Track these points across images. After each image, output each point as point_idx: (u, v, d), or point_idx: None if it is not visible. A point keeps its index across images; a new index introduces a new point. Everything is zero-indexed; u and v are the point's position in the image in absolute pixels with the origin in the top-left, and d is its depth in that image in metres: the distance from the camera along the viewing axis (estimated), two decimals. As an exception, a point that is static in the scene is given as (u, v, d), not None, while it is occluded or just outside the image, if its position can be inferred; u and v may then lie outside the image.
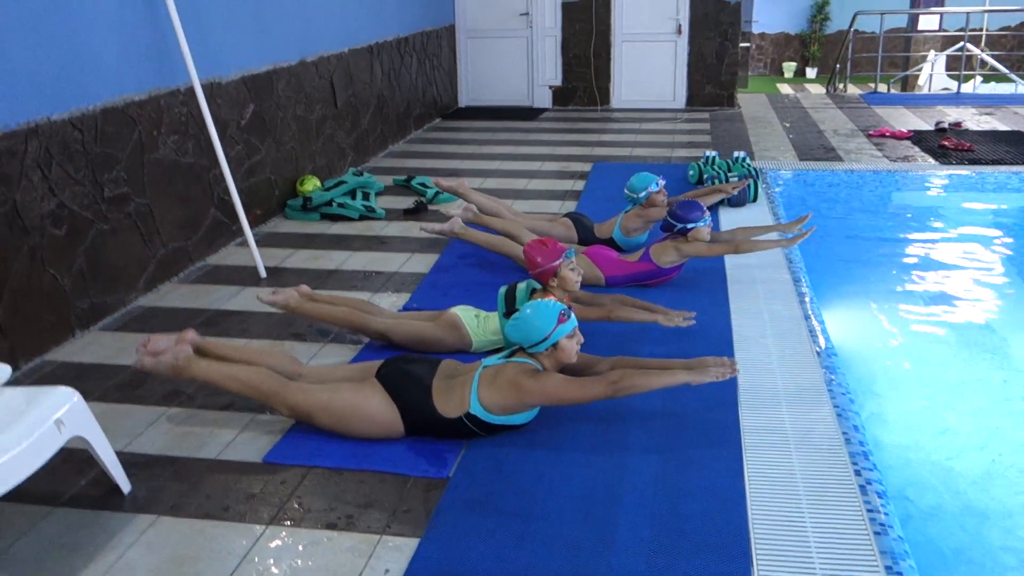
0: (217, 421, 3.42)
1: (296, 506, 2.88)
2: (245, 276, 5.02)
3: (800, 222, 4.80)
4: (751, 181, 6.21)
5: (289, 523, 2.79)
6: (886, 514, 2.73)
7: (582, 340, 3.20)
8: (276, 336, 4.20)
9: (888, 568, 2.48)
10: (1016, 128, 8.93)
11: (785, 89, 17.55)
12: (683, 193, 5.81)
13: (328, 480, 3.01)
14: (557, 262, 3.80)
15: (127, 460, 3.08)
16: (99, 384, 3.73)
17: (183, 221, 5.06)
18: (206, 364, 3.26)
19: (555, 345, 3.12)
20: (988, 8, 14.56)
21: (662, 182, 5.02)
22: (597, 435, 3.24)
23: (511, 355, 3.25)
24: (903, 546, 2.58)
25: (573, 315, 3.16)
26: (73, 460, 3.08)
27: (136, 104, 4.60)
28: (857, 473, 2.94)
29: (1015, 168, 7.24)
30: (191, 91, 4.96)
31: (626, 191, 5.07)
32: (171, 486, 3.00)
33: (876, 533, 2.63)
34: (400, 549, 2.64)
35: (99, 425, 2.86)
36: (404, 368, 3.25)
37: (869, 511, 2.73)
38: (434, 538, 2.66)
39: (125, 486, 2.95)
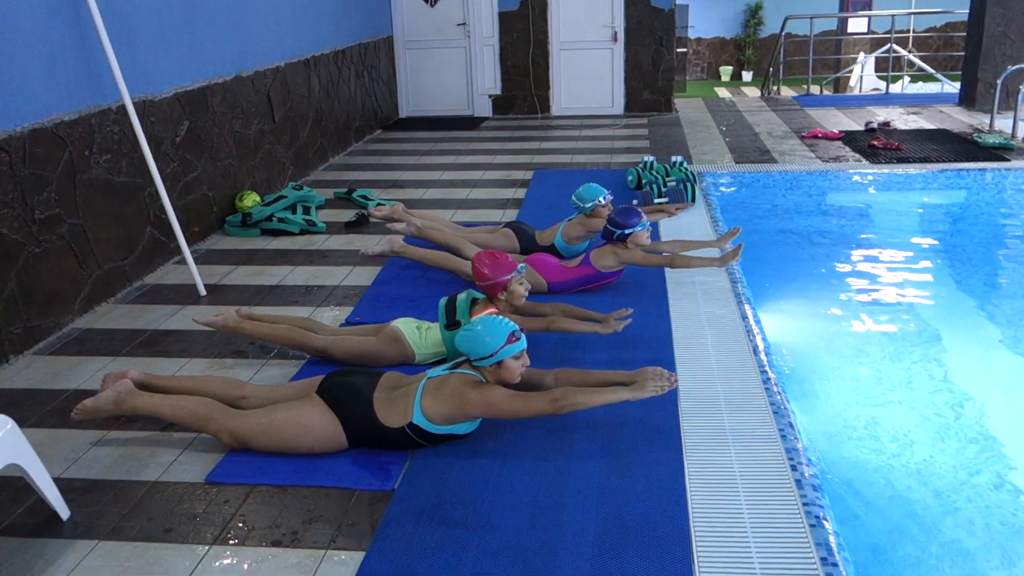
0: (158, 442, 3.38)
1: (240, 524, 2.86)
2: (184, 295, 4.96)
3: (731, 236, 4.87)
4: (688, 184, 6.35)
5: (233, 542, 2.77)
6: (821, 507, 2.80)
7: (528, 363, 3.22)
8: (217, 355, 4.16)
9: (823, 560, 2.55)
10: (942, 126, 9.21)
11: (723, 92, 17.85)
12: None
13: (272, 497, 3.00)
14: (508, 277, 3.83)
15: (66, 485, 3.03)
16: (35, 410, 3.67)
17: (119, 241, 4.99)
18: (148, 395, 3.34)
19: (500, 363, 3.14)
20: (913, 10, 14.99)
21: (610, 197, 5.11)
22: (542, 442, 3.27)
23: (456, 366, 3.27)
24: (838, 539, 2.66)
25: (524, 338, 3.17)
26: (9, 488, 3.03)
27: (66, 124, 4.52)
28: (793, 468, 3.02)
29: (941, 165, 7.47)
30: (123, 109, 4.89)
31: (574, 199, 5.14)
32: (111, 510, 2.95)
33: (812, 526, 2.70)
34: (345, 563, 2.64)
35: (35, 452, 2.82)
36: (345, 381, 3.26)
37: (805, 504, 2.81)
38: (379, 551, 2.67)
39: (63, 512, 2.90)
